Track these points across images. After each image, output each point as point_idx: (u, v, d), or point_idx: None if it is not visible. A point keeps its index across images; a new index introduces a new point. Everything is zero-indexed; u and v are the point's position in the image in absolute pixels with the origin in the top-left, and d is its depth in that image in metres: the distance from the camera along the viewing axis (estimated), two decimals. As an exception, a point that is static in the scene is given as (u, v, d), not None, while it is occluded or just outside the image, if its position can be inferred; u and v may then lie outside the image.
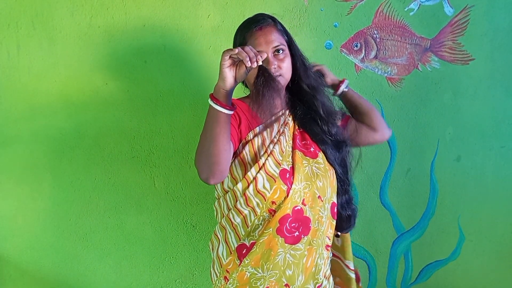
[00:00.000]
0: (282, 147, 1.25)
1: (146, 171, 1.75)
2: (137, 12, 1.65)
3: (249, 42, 1.21)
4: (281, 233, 1.22)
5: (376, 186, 1.87)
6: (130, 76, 1.69)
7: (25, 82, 1.66)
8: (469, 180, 1.89)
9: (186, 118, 1.73)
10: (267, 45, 1.21)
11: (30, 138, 1.69)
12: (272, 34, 1.22)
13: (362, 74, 1.79)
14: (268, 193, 1.21)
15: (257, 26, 1.22)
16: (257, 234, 1.23)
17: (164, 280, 1.84)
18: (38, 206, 1.74)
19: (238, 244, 1.26)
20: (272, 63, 1.20)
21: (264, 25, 1.22)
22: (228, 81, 1.07)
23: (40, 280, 1.79)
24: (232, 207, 1.26)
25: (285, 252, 1.24)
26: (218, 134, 1.11)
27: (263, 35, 1.21)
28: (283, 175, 1.22)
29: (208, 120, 1.13)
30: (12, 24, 1.62)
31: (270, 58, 1.21)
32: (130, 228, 1.79)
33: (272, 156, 1.23)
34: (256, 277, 1.24)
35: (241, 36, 1.24)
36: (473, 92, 1.83)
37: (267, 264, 1.23)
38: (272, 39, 1.21)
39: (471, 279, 1.96)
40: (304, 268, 1.26)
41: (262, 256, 1.23)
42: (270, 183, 1.21)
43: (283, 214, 1.21)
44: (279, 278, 1.24)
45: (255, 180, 1.21)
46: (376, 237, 1.91)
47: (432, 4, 1.76)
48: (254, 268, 1.24)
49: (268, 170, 1.22)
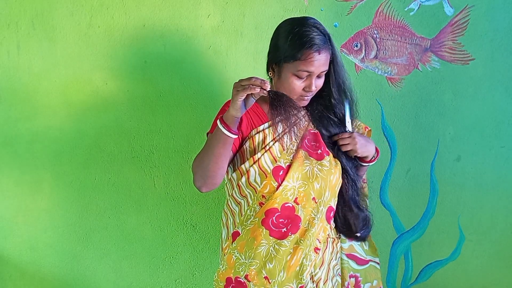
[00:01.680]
0: (284, 145, 1.28)
1: (146, 171, 1.75)
2: (137, 12, 1.65)
3: (304, 61, 1.19)
4: (266, 224, 1.26)
5: (376, 186, 1.87)
6: (130, 76, 1.69)
7: (25, 82, 1.66)
8: (469, 180, 1.89)
9: (186, 118, 1.73)
10: (318, 69, 1.21)
11: (30, 138, 1.69)
12: (326, 60, 1.22)
13: (362, 74, 1.79)
14: (259, 187, 1.26)
15: (318, 48, 1.19)
16: (249, 223, 1.29)
17: (164, 280, 1.84)
18: (38, 206, 1.74)
19: (234, 231, 1.32)
20: (313, 86, 1.23)
21: (324, 49, 1.20)
22: (241, 111, 1.14)
23: (40, 280, 1.79)
24: (230, 195, 1.34)
25: (269, 244, 1.27)
26: (220, 154, 1.20)
27: (319, 60, 1.20)
28: (276, 172, 1.26)
29: (213, 139, 1.20)
30: (12, 24, 1.62)
31: (313, 80, 1.22)
32: (130, 228, 1.79)
33: (269, 152, 1.26)
34: (239, 262, 1.30)
35: (298, 48, 1.20)
36: (473, 92, 1.83)
37: (249, 252, 1.28)
38: (323, 64, 1.22)
39: (471, 279, 1.96)
40: (287, 266, 1.28)
41: (247, 242, 1.28)
42: (261, 178, 1.26)
43: (270, 207, 1.26)
44: (259, 268, 1.28)
45: (248, 173, 1.26)
46: (376, 237, 1.89)
47: (432, 4, 1.76)
48: (239, 253, 1.30)
49: (262, 165, 1.26)
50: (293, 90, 1.24)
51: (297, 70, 1.21)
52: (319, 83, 1.25)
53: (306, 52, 1.19)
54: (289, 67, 1.22)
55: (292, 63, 1.21)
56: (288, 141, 1.28)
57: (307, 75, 1.22)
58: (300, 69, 1.20)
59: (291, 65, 1.21)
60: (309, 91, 1.24)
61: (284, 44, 1.22)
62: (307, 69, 1.20)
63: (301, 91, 1.24)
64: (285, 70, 1.23)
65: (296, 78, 1.22)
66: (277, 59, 1.24)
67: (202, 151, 1.24)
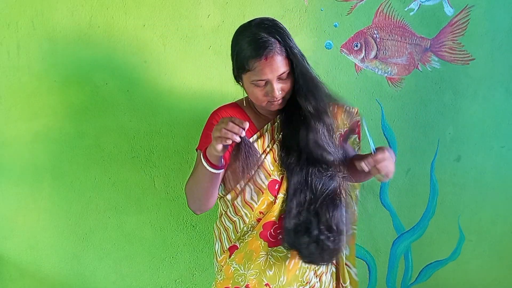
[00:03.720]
0: (275, 156, 1.25)
1: (146, 171, 1.75)
2: (137, 12, 1.65)
3: (254, 71, 1.14)
4: (264, 237, 1.26)
5: (376, 186, 1.87)
6: (130, 76, 1.69)
7: (25, 82, 1.65)
8: (469, 180, 1.89)
9: (186, 118, 1.73)
10: (272, 74, 1.14)
11: (30, 138, 1.69)
12: (278, 62, 1.13)
13: (362, 74, 1.79)
14: (256, 204, 1.24)
15: (262, 54, 1.12)
16: (246, 237, 1.28)
17: (164, 280, 1.84)
18: (38, 206, 1.74)
19: (230, 246, 1.31)
20: (276, 91, 1.16)
21: (270, 54, 1.12)
22: (221, 152, 1.11)
23: (40, 280, 1.79)
24: (224, 213, 1.32)
25: (267, 254, 1.27)
26: (209, 187, 1.19)
27: (268, 66, 1.13)
28: (272, 186, 1.24)
29: (200, 173, 1.18)
30: (12, 24, 1.62)
31: (274, 85, 1.15)
32: (130, 228, 1.79)
33: (262, 167, 1.23)
34: (238, 273, 1.29)
35: (245, 60, 1.15)
36: (473, 92, 1.83)
37: (249, 263, 1.27)
38: (277, 67, 1.14)
39: (471, 279, 1.96)
40: (286, 270, 1.28)
41: (245, 255, 1.28)
42: (258, 195, 1.24)
43: (267, 221, 1.25)
44: (259, 277, 1.27)
45: (243, 192, 1.24)
46: (376, 237, 1.91)
47: (432, 4, 1.76)
48: (237, 264, 1.29)
49: (257, 182, 1.24)
50: (257, 99, 1.20)
51: (251, 81, 1.17)
52: (284, 86, 1.17)
53: (251, 62, 1.13)
54: (245, 78, 1.18)
55: (246, 75, 1.17)
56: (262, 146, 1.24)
57: (265, 82, 1.16)
58: (254, 80, 1.16)
59: (246, 77, 1.18)
60: (273, 96, 1.17)
61: (233, 57, 1.20)
62: (260, 78, 1.14)
63: (267, 98, 1.18)
64: (244, 81, 1.20)
65: (255, 87, 1.17)
66: (235, 72, 1.22)
67: (192, 180, 1.22)
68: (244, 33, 1.18)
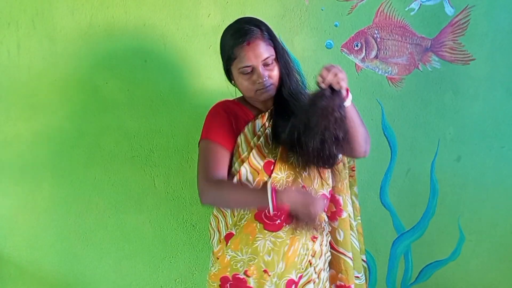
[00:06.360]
0: (269, 140, 1.29)
1: (146, 171, 1.75)
2: (137, 11, 1.65)
3: (239, 58, 1.22)
4: (259, 218, 1.27)
5: (376, 186, 1.87)
6: (130, 76, 1.69)
7: (25, 81, 1.65)
8: (469, 180, 1.89)
9: (186, 118, 1.73)
10: (256, 59, 1.22)
11: (30, 138, 1.69)
12: (261, 47, 1.22)
13: (363, 74, 1.78)
14: (251, 186, 1.26)
15: (244, 40, 1.21)
16: (242, 222, 1.29)
17: (163, 279, 1.84)
18: (38, 205, 1.74)
19: (226, 233, 1.32)
20: (263, 76, 1.23)
21: (252, 39, 1.21)
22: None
23: (40, 279, 1.79)
24: None
25: (265, 238, 1.27)
26: (244, 206, 1.27)
27: (251, 50, 1.21)
28: (267, 167, 1.27)
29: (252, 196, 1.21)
30: (13, 23, 1.62)
31: (261, 71, 1.23)
32: (129, 227, 1.79)
33: (257, 148, 1.27)
34: (236, 259, 1.30)
35: (230, 50, 1.24)
36: (473, 92, 1.82)
37: (246, 247, 1.28)
38: (261, 52, 1.22)
39: (471, 279, 1.96)
40: (285, 257, 1.28)
41: (241, 240, 1.29)
42: (254, 176, 1.27)
43: None
44: (257, 263, 1.28)
45: (239, 173, 1.26)
46: (376, 237, 1.91)
47: (432, 4, 1.75)
48: (234, 251, 1.30)
49: (253, 163, 1.27)
50: (247, 88, 1.27)
51: (239, 69, 1.24)
52: (272, 73, 1.25)
53: (235, 49, 1.22)
54: (233, 69, 1.26)
55: (233, 64, 1.25)
56: (253, 131, 1.29)
57: (251, 69, 1.23)
58: (240, 67, 1.23)
59: (233, 67, 1.26)
60: (260, 82, 1.24)
61: (221, 54, 1.29)
62: (245, 64, 1.22)
63: (255, 86, 1.25)
64: (234, 74, 1.28)
65: (243, 76, 1.25)
66: (225, 67, 1.30)
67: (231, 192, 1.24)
68: (227, 29, 1.28)
